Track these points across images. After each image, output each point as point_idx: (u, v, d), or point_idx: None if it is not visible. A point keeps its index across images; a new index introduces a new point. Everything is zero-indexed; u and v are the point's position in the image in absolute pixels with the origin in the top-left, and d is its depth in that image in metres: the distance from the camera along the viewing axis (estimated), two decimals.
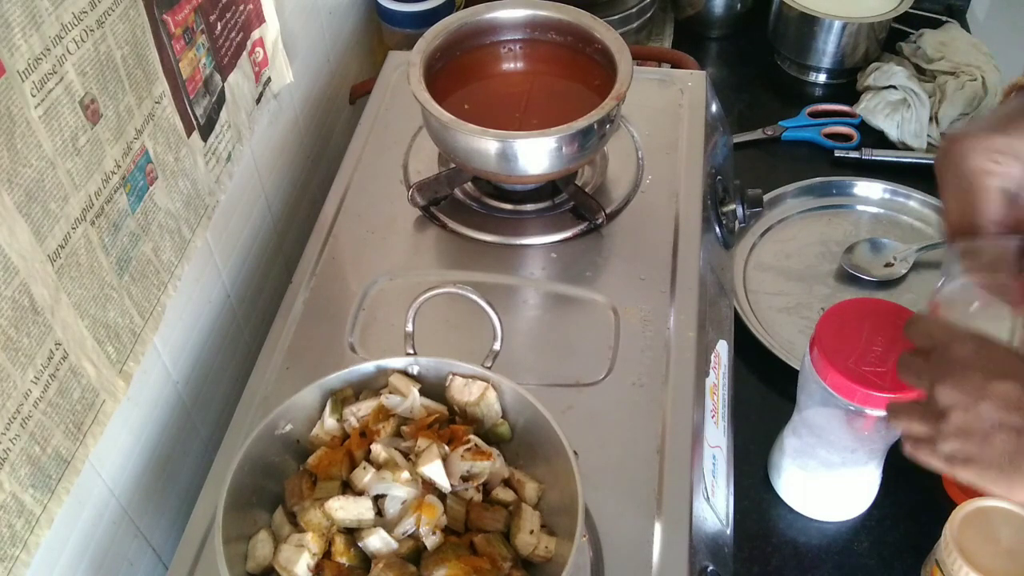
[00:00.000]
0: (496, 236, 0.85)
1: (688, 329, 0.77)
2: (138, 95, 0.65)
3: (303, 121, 1.02)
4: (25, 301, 0.55)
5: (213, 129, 0.78)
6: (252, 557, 0.58)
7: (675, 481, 0.67)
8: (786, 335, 0.99)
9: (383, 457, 0.60)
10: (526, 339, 0.77)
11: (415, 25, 1.12)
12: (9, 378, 0.54)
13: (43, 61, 0.54)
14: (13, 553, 0.56)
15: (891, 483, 0.85)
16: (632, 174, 0.90)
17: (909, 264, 1.05)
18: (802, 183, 1.14)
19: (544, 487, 0.61)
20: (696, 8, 1.39)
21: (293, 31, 0.96)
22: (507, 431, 0.64)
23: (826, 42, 1.28)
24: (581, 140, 0.80)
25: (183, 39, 0.71)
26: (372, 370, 0.65)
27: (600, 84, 0.83)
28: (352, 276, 0.82)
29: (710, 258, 0.87)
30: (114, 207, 0.64)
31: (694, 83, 0.99)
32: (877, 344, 0.71)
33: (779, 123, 1.26)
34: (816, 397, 0.74)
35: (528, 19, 0.90)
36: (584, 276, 0.81)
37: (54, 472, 0.59)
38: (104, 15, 0.60)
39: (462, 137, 0.80)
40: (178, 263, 0.74)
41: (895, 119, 1.20)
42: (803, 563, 0.83)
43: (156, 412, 0.75)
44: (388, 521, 0.58)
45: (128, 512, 0.71)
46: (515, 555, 0.58)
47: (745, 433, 0.89)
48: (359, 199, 0.89)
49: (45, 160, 0.55)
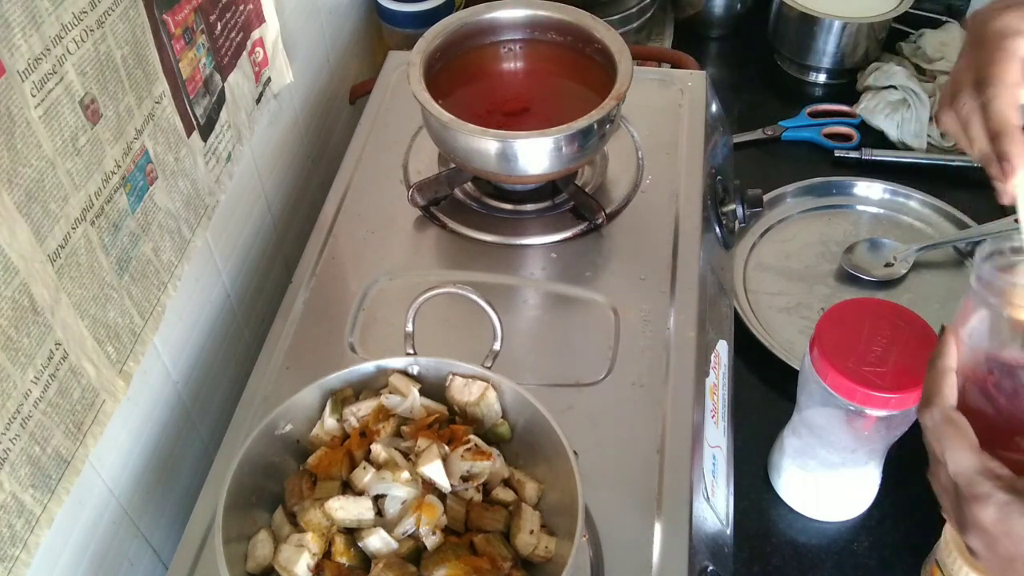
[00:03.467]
0: (496, 236, 0.85)
1: (688, 329, 0.77)
2: (138, 95, 0.65)
3: (303, 121, 1.02)
4: (25, 301, 0.55)
5: (213, 129, 0.78)
6: (252, 557, 0.58)
7: (675, 481, 0.67)
8: (786, 335, 0.99)
9: (383, 457, 0.60)
10: (526, 339, 0.77)
11: (415, 25, 1.12)
12: (9, 378, 0.54)
13: (43, 61, 0.54)
14: (13, 553, 0.56)
15: (891, 483, 0.85)
16: (632, 174, 0.90)
17: (909, 264, 1.05)
18: (802, 183, 1.14)
19: (544, 487, 0.61)
20: (696, 8, 1.38)
21: (293, 31, 0.96)
22: (507, 431, 0.64)
23: (826, 42, 1.27)
24: (581, 140, 0.80)
25: (183, 39, 0.71)
26: (372, 370, 0.65)
27: (600, 84, 0.83)
28: (352, 276, 0.82)
29: (710, 258, 0.87)
30: (114, 207, 0.64)
31: (694, 83, 0.99)
32: (877, 344, 0.71)
33: (779, 123, 1.26)
34: (816, 397, 0.74)
35: (528, 19, 0.90)
36: (584, 276, 0.81)
37: (54, 472, 0.59)
38: (104, 15, 0.60)
39: (462, 137, 0.80)
40: (178, 263, 0.74)
41: (895, 119, 1.20)
42: (803, 563, 0.83)
43: (156, 412, 0.75)
44: (388, 521, 0.58)
45: (128, 512, 0.71)
46: (515, 555, 0.58)
47: (745, 433, 0.89)
48: (359, 199, 0.89)
49: (45, 160, 0.55)
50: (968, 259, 1.06)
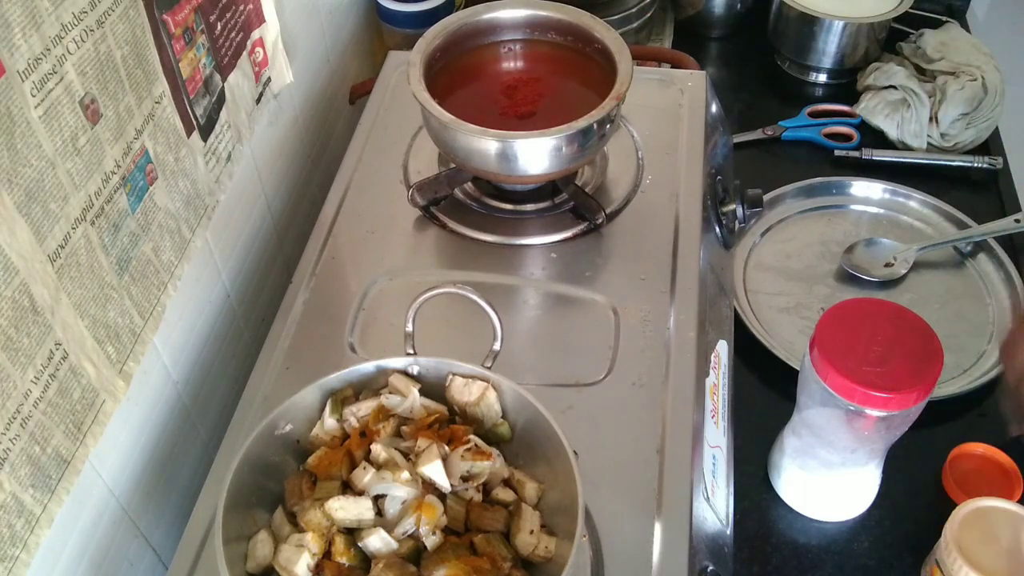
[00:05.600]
0: (496, 236, 0.85)
1: (688, 329, 0.77)
2: (138, 95, 0.65)
3: (303, 121, 1.02)
4: (25, 301, 0.55)
5: (213, 129, 0.78)
6: (252, 557, 0.58)
7: (675, 481, 0.67)
8: (786, 335, 0.99)
9: (383, 457, 0.60)
10: (526, 339, 0.77)
11: (415, 25, 1.12)
12: (9, 378, 0.54)
13: (43, 61, 0.54)
14: (13, 553, 0.56)
15: (891, 483, 0.85)
16: (632, 174, 0.90)
17: (909, 264, 1.05)
18: (802, 183, 1.14)
19: (544, 487, 0.61)
20: (696, 8, 1.39)
21: (293, 31, 0.96)
22: (507, 431, 0.64)
23: (826, 42, 1.28)
24: (581, 140, 0.80)
25: (183, 39, 0.71)
26: (372, 370, 0.65)
27: (600, 84, 0.83)
28: (352, 276, 0.82)
29: (710, 258, 0.87)
30: (114, 207, 0.64)
31: (694, 83, 0.99)
32: (877, 344, 0.71)
33: (779, 123, 1.26)
34: (816, 397, 0.74)
35: (528, 19, 0.90)
36: (584, 276, 0.81)
37: (54, 472, 0.59)
38: (104, 15, 0.60)
39: (462, 137, 0.80)
40: (178, 263, 0.74)
41: (895, 119, 1.20)
42: (803, 563, 0.83)
43: (156, 412, 0.75)
44: (388, 521, 0.58)
45: (128, 512, 0.71)
46: (515, 555, 0.58)
47: (745, 433, 0.89)
48: (359, 199, 0.89)
49: (45, 160, 0.55)
50: (968, 259, 1.07)
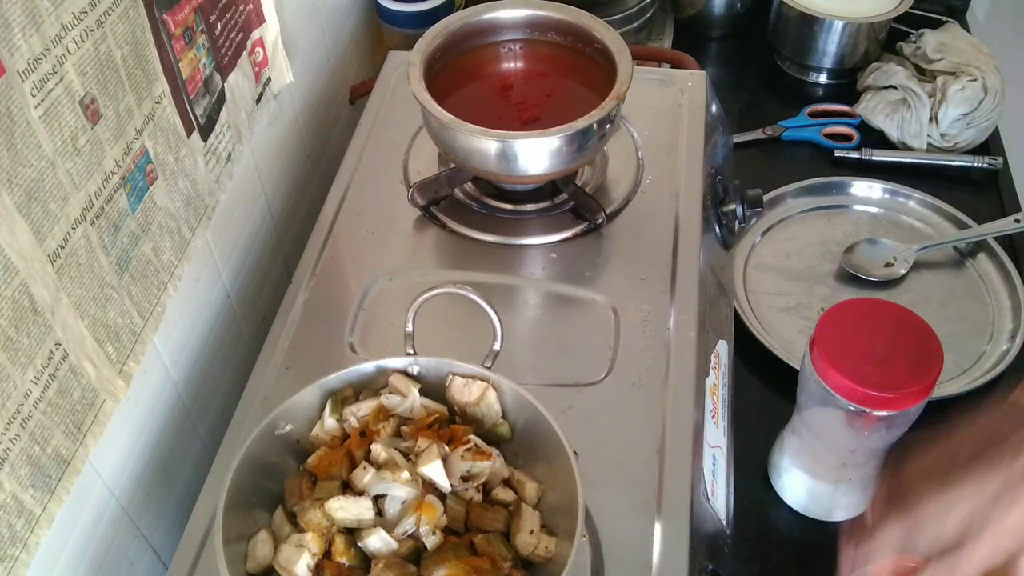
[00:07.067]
0: (496, 236, 0.85)
1: (688, 329, 0.76)
2: (138, 95, 0.65)
3: (303, 121, 1.02)
4: (25, 301, 0.55)
5: (213, 129, 0.78)
6: (252, 557, 0.58)
7: (675, 481, 0.67)
8: (786, 335, 0.99)
9: (383, 457, 0.60)
10: (526, 339, 0.77)
11: (415, 25, 1.12)
12: (9, 378, 0.54)
13: (43, 61, 0.54)
14: (13, 553, 0.56)
15: None
16: (632, 174, 0.90)
17: (909, 264, 1.05)
18: (802, 183, 1.14)
19: (544, 487, 0.61)
20: (696, 8, 1.39)
21: (293, 31, 0.96)
22: (507, 431, 0.64)
23: (826, 42, 1.28)
24: (581, 140, 0.80)
25: (183, 39, 0.71)
26: (372, 370, 0.65)
27: (600, 84, 0.83)
28: (352, 276, 0.82)
29: (710, 258, 0.87)
30: (114, 207, 0.64)
31: (694, 83, 0.99)
32: (877, 344, 0.71)
33: (779, 123, 1.26)
34: (816, 397, 0.74)
35: (528, 19, 0.90)
36: (584, 276, 0.81)
37: (54, 472, 0.59)
38: (104, 15, 0.60)
39: (462, 137, 0.80)
40: (178, 263, 0.74)
41: (895, 119, 1.20)
42: (803, 563, 0.83)
43: (156, 412, 0.75)
44: (388, 521, 0.58)
45: (128, 512, 0.71)
46: (515, 555, 0.58)
47: (745, 433, 0.89)
48: (359, 199, 0.89)
49: (45, 160, 0.55)
50: (968, 259, 1.07)
